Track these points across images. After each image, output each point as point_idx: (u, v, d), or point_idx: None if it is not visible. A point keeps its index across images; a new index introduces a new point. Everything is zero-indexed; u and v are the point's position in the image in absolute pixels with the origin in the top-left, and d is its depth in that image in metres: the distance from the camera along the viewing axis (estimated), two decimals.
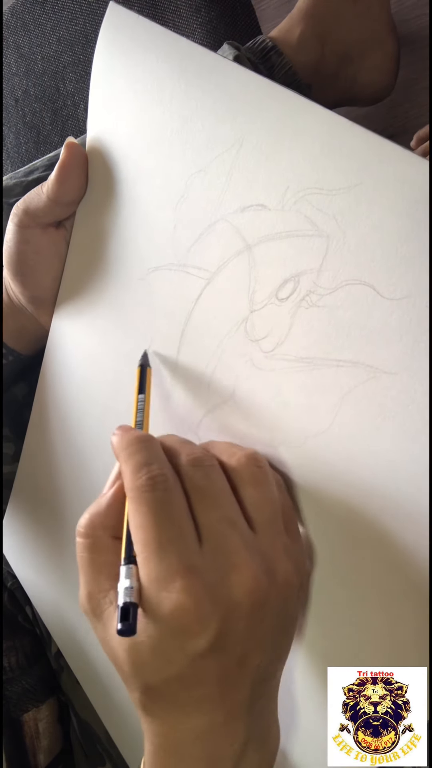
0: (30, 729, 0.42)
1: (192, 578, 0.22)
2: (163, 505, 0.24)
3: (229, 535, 0.24)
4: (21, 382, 0.47)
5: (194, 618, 0.22)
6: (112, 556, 0.26)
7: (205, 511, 0.25)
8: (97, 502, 0.27)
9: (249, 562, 0.23)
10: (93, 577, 0.26)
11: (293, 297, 0.27)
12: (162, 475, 0.25)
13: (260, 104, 0.28)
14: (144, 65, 0.33)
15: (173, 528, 0.23)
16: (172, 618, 0.22)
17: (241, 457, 0.26)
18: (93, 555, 0.26)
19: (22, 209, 0.37)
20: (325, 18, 0.49)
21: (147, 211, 0.34)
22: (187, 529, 0.24)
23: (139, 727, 0.39)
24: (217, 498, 0.25)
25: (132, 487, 0.24)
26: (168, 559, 0.23)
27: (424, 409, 0.23)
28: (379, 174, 0.24)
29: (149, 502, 0.24)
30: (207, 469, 0.26)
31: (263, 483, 0.26)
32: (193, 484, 0.25)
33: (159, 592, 0.22)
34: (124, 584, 0.23)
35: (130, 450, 0.26)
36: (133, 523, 0.24)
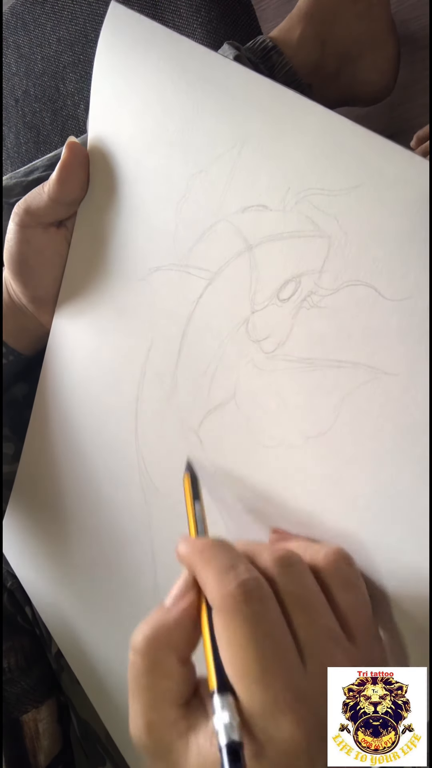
0: (30, 729, 0.42)
1: (303, 708, 0.19)
2: (262, 619, 0.20)
3: (334, 653, 0.21)
4: (21, 382, 0.47)
5: (305, 755, 0.19)
6: (179, 682, 0.22)
7: (305, 624, 0.21)
8: (160, 615, 0.23)
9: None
10: (155, 705, 0.22)
11: (294, 298, 0.27)
12: (255, 580, 0.21)
13: (261, 104, 0.28)
14: (145, 65, 0.33)
15: (276, 648, 0.20)
16: (283, 757, 0.19)
17: (329, 554, 0.24)
18: (155, 680, 0.22)
19: (23, 209, 0.37)
20: (325, 18, 0.49)
21: (148, 211, 0.34)
22: (289, 647, 0.21)
23: None
24: (315, 607, 0.22)
25: (221, 595, 0.21)
26: (275, 686, 0.20)
27: (425, 410, 0.23)
28: (379, 174, 0.24)
29: (246, 615, 0.20)
30: (299, 572, 0.23)
31: (357, 586, 0.24)
32: (287, 591, 0.22)
33: (266, 727, 0.19)
34: (223, 719, 0.20)
35: (207, 554, 0.23)
36: (226, 642, 0.20)
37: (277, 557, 0.23)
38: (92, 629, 0.42)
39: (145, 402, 0.35)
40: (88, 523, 0.40)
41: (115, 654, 0.40)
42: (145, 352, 0.34)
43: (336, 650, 0.21)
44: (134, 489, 0.36)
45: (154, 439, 0.34)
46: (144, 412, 0.35)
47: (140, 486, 0.36)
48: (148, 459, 0.35)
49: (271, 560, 0.23)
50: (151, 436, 0.35)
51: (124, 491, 0.37)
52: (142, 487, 0.36)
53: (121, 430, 0.36)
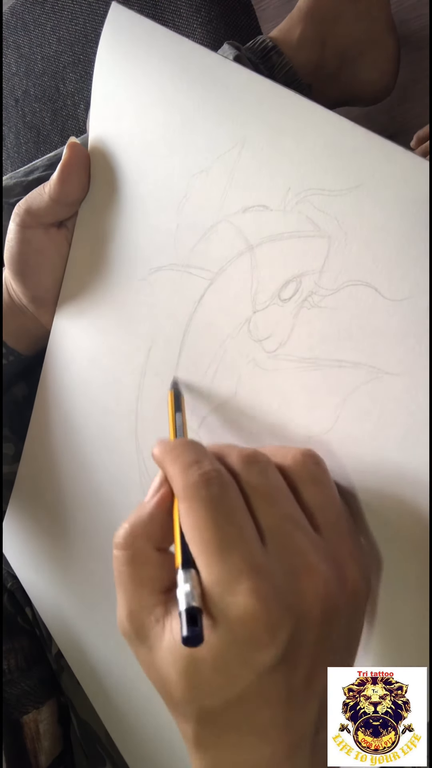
0: (30, 730, 0.42)
1: (260, 579, 0.20)
2: (221, 502, 0.21)
3: (295, 536, 0.22)
4: (21, 383, 0.47)
5: (264, 625, 0.20)
6: (157, 569, 0.23)
7: (265, 509, 0.22)
8: (137, 511, 0.24)
9: (319, 565, 0.21)
10: (135, 593, 0.23)
11: (295, 297, 0.27)
12: (216, 470, 0.22)
13: (262, 105, 0.28)
14: (145, 65, 0.33)
15: (234, 526, 0.21)
16: (239, 625, 0.20)
17: (297, 455, 0.24)
18: (135, 569, 0.23)
19: (24, 209, 0.37)
20: (325, 18, 0.49)
21: (149, 211, 0.34)
22: (248, 527, 0.21)
23: (140, 726, 0.39)
24: (277, 496, 0.23)
25: (183, 485, 0.22)
26: (231, 559, 0.20)
27: (426, 410, 0.23)
28: (379, 174, 0.24)
29: (205, 499, 0.21)
30: (262, 466, 0.23)
31: (325, 482, 0.24)
32: (249, 483, 0.23)
33: (223, 596, 0.20)
34: (184, 589, 0.21)
35: (176, 452, 0.24)
36: (188, 524, 0.22)
37: (243, 455, 0.24)
38: (92, 629, 0.42)
39: (146, 402, 0.35)
40: (89, 523, 0.40)
41: (116, 654, 0.40)
42: (145, 353, 0.34)
43: (299, 534, 0.22)
44: (134, 489, 0.36)
45: (155, 439, 0.34)
46: (144, 412, 0.35)
47: (140, 486, 0.36)
48: (148, 459, 0.35)
49: (236, 457, 0.24)
50: (151, 436, 0.35)
51: (125, 491, 0.37)
52: (142, 487, 0.36)
53: (121, 430, 0.36)
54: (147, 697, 0.38)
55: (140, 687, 0.39)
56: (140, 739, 0.40)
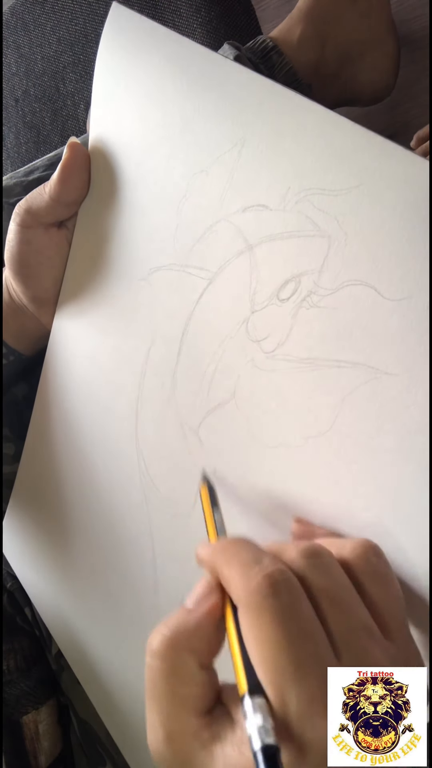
0: (30, 731, 0.42)
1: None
2: (293, 613, 0.19)
3: (370, 648, 0.20)
4: (21, 383, 0.47)
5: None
6: (200, 689, 0.20)
7: (337, 618, 0.20)
8: (180, 617, 0.21)
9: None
10: (175, 713, 0.20)
11: (294, 297, 0.27)
12: (282, 572, 0.20)
13: (262, 105, 0.28)
14: (146, 65, 0.33)
15: (309, 643, 0.19)
16: (321, 759, 0.18)
17: (357, 547, 0.22)
18: (175, 685, 0.20)
19: (25, 209, 0.37)
20: (325, 18, 0.50)
21: (149, 211, 0.34)
22: (323, 643, 0.19)
23: (140, 726, 0.39)
24: (347, 601, 0.21)
25: (246, 591, 0.20)
26: (310, 684, 0.18)
27: (425, 410, 0.23)
28: (379, 174, 0.24)
29: (275, 609, 0.19)
30: (328, 565, 0.21)
31: (389, 578, 0.22)
32: (316, 584, 0.20)
33: (303, 729, 0.18)
34: (255, 722, 0.18)
35: (230, 551, 0.21)
36: (255, 640, 0.19)
37: (303, 550, 0.22)
38: (93, 629, 0.42)
39: (145, 402, 0.35)
40: (89, 523, 0.40)
41: (116, 654, 0.40)
42: (145, 352, 0.34)
43: (372, 644, 0.20)
44: (134, 489, 0.36)
45: (154, 439, 0.34)
46: (144, 412, 0.35)
47: (140, 486, 0.36)
48: (148, 459, 0.35)
49: (297, 554, 0.21)
50: (151, 436, 0.35)
51: (125, 491, 0.37)
52: (142, 488, 0.36)
53: (121, 431, 0.36)
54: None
55: (140, 686, 0.39)
56: (140, 738, 0.40)
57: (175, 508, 0.34)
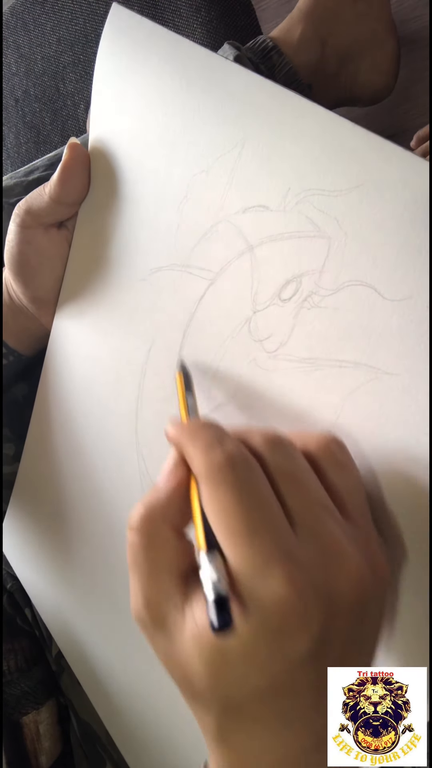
0: (30, 731, 0.42)
1: (292, 566, 0.19)
2: (248, 485, 0.20)
3: (326, 520, 0.21)
4: (21, 383, 0.47)
5: (297, 613, 0.19)
6: (175, 554, 0.22)
7: (294, 493, 0.21)
8: (152, 493, 0.23)
9: (352, 551, 0.20)
10: (152, 578, 0.22)
11: (295, 298, 0.27)
12: (242, 452, 0.21)
13: (262, 105, 0.28)
14: (146, 66, 0.33)
15: (263, 510, 0.20)
16: (271, 612, 0.19)
17: (320, 439, 0.23)
18: (152, 553, 0.22)
19: (25, 209, 0.37)
20: (325, 18, 0.50)
21: (149, 211, 0.34)
22: (277, 511, 0.20)
23: (140, 726, 0.39)
24: (305, 480, 0.22)
25: (207, 467, 0.21)
26: (262, 543, 0.19)
27: (425, 410, 0.23)
28: (379, 175, 0.24)
29: (231, 482, 0.20)
30: (288, 450, 0.22)
31: (350, 466, 0.23)
32: (275, 466, 0.22)
33: (253, 582, 0.19)
34: (210, 574, 0.19)
35: (195, 432, 0.23)
36: (213, 508, 0.20)
37: (267, 437, 0.22)
38: (93, 630, 0.42)
39: (146, 402, 0.35)
40: (89, 523, 0.40)
41: (116, 654, 0.40)
42: (145, 353, 0.35)
43: (329, 520, 0.21)
44: (135, 489, 0.36)
45: (155, 440, 0.35)
46: (144, 412, 0.35)
47: (141, 486, 0.36)
48: (148, 459, 0.35)
49: (260, 438, 0.22)
50: (151, 436, 0.35)
51: (125, 492, 0.37)
52: (142, 488, 0.36)
53: (121, 431, 0.36)
54: (147, 697, 0.39)
55: (141, 687, 0.39)
56: (141, 739, 0.40)
57: None
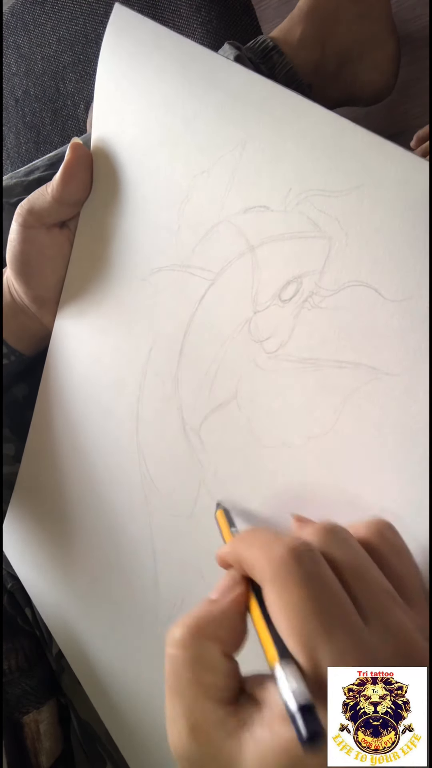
0: (31, 731, 0.42)
1: (369, 663, 0.18)
2: (318, 578, 0.19)
3: (394, 611, 0.20)
4: (22, 383, 0.47)
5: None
6: (224, 678, 0.20)
7: (360, 584, 0.20)
8: (204, 607, 0.21)
9: (420, 641, 0.19)
10: (198, 703, 0.20)
11: (296, 298, 0.27)
12: (304, 543, 0.20)
13: (263, 106, 0.28)
14: (148, 67, 0.33)
15: (336, 605, 0.19)
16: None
17: (371, 525, 0.23)
18: (198, 675, 0.20)
19: (27, 209, 0.37)
20: (325, 18, 0.49)
21: (151, 211, 0.34)
22: (349, 606, 0.19)
23: (140, 726, 0.39)
24: (369, 570, 0.21)
25: (272, 565, 0.20)
26: (337, 641, 0.18)
27: (425, 410, 0.23)
28: (380, 175, 0.24)
29: (300, 578, 0.19)
30: (347, 540, 0.21)
31: (406, 551, 0.23)
32: (335, 557, 0.21)
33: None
34: (288, 685, 0.18)
35: (249, 537, 0.21)
36: (283, 608, 0.19)
37: (321, 528, 0.22)
38: (93, 629, 0.42)
39: (147, 402, 0.35)
40: (89, 523, 0.40)
41: (116, 654, 0.40)
42: (146, 353, 0.35)
43: (396, 608, 0.20)
44: (135, 489, 0.36)
45: (156, 440, 0.35)
46: (145, 412, 0.35)
47: (141, 486, 0.36)
48: (149, 459, 0.35)
49: (314, 531, 0.22)
50: (152, 436, 0.35)
51: (125, 492, 0.37)
52: (142, 488, 0.36)
53: (122, 431, 0.36)
54: (147, 697, 0.39)
55: (140, 687, 0.39)
56: (140, 739, 0.40)
57: (175, 508, 0.34)
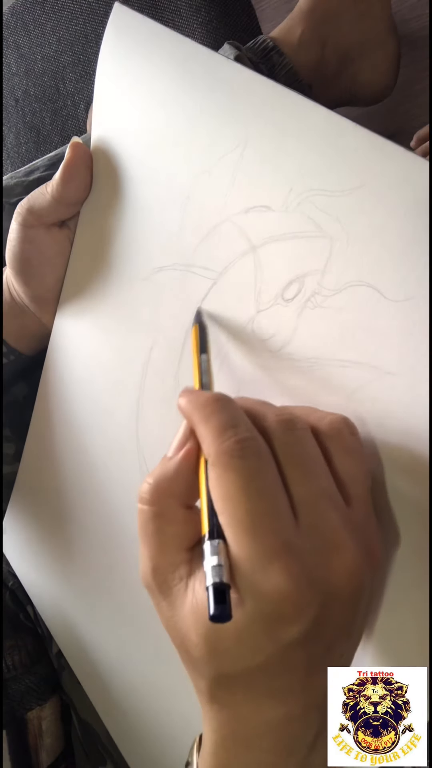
0: (34, 727, 0.42)
1: (291, 559, 0.20)
2: (256, 474, 0.21)
3: (328, 511, 0.21)
4: (21, 382, 0.47)
5: (292, 604, 0.20)
6: (182, 526, 0.23)
7: (300, 482, 0.22)
8: (161, 466, 0.24)
9: (350, 543, 0.21)
10: (160, 548, 0.23)
11: (299, 298, 0.27)
12: (252, 439, 0.22)
13: (264, 106, 0.28)
14: (148, 66, 0.33)
15: (268, 501, 0.21)
16: (267, 603, 0.20)
17: (333, 421, 0.24)
18: (160, 524, 0.23)
19: (27, 208, 0.37)
20: (325, 18, 0.50)
21: (151, 211, 0.34)
22: (282, 502, 0.21)
23: (140, 726, 0.39)
24: (313, 468, 0.22)
25: (217, 451, 0.21)
26: (263, 536, 0.20)
27: (427, 410, 0.23)
28: (380, 175, 0.25)
29: (239, 470, 0.21)
30: (300, 434, 0.23)
31: (358, 453, 0.24)
32: (286, 451, 0.22)
33: (253, 573, 0.20)
34: (211, 562, 0.20)
35: (208, 410, 0.23)
36: (219, 493, 0.21)
37: (282, 420, 0.23)
38: (92, 629, 0.42)
39: (147, 402, 0.35)
40: (89, 523, 0.40)
41: (115, 653, 0.40)
42: (147, 353, 0.35)
43: (332, 510, 0.21)
44: (135, 489, 0.36)
45: (156, 440, 0.35)
46: (145, 412, 0.35)
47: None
48: (149, 460, 0.35)
49: (274, 420, 0.23)
50: (152, 436, 0.35)
51: (125, 491, 0.37)
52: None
53: (122, 431, 0.36)
54: (147, 697, 0.39)
55: (140, 685, 0.39)
56: (139, 737, 0.40)
57: None
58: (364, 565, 0.21)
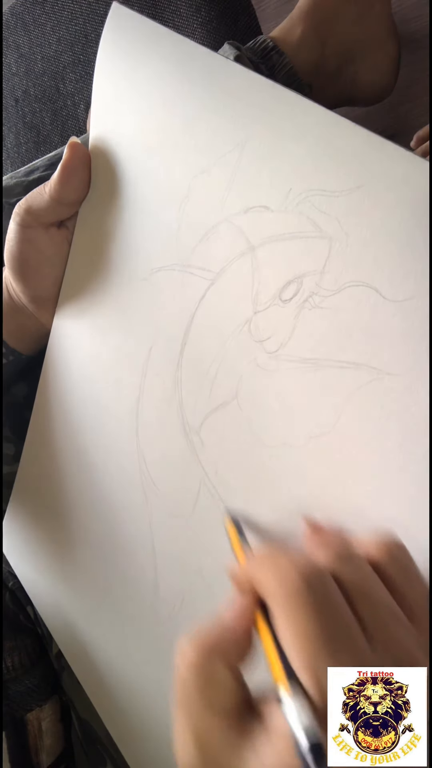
0: (33, 728, 0.42)
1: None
2: (328, 605, 0.20)
3: (397, 631, 0.21)
4: (21, 383, 0.47)
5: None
6: (231, 694, 0.21)
7: (365, 605, 0.21)
8: (214, 625, 0.22)
9: (422, 659, 0.21)
10: (205, 718, 0.21)
11: (296, 298, 0.27)
12: (317, 570, 0.21)
13: (263, 105, 0.28)
14: (147, 66, 0.33)
15: (344, 631, 0.20)
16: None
17: (383, 545, 0.24)
18: (207, 692, 0.21)
19: (25, 208, 0.37)
20: (325, 18, 0.49)
21: (150, 211, 0.34)
22: (354, 627, 0.20)
23: (140, 726, 0.39)
24: (375, 591, 0.22)
25: (283, 590, 0.21)
26: (342, 661, 0.19)
27: (426, 410, 0.23)
28: (380, 175, 0.24)
29: (309, 603, 0.20)
30: (357, 562, 0.23)
31: (413, 569, 0.24)
32: (345, 578, 0.22)
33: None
34: (298, 718, 0.18)
35: (261, 562, 0.22)
36: (292, 633, 0.20)
37: (334, 550, 0.23)
38: (92, 629, 0.42)
39: (146, 402, 0.35)
40: (89, 523, 0.40)
41: (115, 654, 0.40)
42: (146, 353, 0.35)
43: (399, 628, 0.21)
44: (135, 489, 0.36)
45: (155, 440, 0.35)
46: (145, 412, 0.35)
47: (141, 486, 0.36)
48: (149, 459, 0.35)
49: (327, 553, 0.23)
50: (152, 436, 0.35)
51: (125, 491, 0.37)
52: (142, 488, 0.36)
53: (122, 431, 0.36)
54: (147, 697, 0.39)
55: (140, 685, 0.39)
56: (139, 737, 0.40)
57: (175, 508, 0.34)
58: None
